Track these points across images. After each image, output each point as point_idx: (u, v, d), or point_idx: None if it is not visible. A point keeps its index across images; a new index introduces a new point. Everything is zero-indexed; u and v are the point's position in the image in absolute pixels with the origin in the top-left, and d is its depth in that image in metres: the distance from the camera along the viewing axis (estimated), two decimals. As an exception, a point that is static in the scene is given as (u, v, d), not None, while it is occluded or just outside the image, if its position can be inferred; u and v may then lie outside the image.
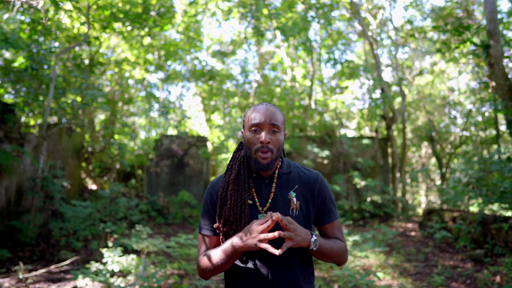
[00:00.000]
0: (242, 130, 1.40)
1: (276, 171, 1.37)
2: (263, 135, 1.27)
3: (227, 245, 1.23)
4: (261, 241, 1.14)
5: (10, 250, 4.91)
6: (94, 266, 3.80)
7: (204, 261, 1.30)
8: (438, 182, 12.56)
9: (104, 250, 3.92)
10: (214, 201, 1.38)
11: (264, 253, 1.23)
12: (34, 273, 3.96)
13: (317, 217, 1.39)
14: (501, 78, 4.69)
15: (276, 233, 1.11)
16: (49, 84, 6.49)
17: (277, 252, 1.11)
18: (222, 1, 9.72)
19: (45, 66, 6.89)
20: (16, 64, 7.50)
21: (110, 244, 4.05)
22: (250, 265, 1.27)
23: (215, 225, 1.32)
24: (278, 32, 10.46)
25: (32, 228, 5.45)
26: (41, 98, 7.17)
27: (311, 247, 1.20)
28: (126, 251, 5.01)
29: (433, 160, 14.14)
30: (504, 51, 5.72)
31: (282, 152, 1.43)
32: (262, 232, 1.14)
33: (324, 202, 1.38)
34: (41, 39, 7.80)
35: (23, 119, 7.67)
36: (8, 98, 8.11)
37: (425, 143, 13.53)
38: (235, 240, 1.20)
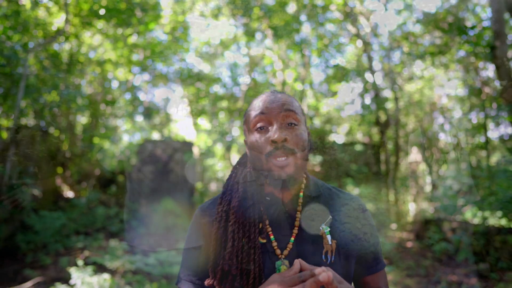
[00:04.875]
0: (245, 137, 0.93)
1: (301, 194, 0.90)
2: (274, 130, 0.84)
3: None
4: None
5: (-33, 268, 4.35)
6: (60, 289, 3.30)
7: None
8: (428, 189, 12.38)
9: (72, 269, 3.42)
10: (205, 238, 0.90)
11: None
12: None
13: (357, 264, 0.92)
14: (508, 80, 4.44)
15: None
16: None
17: None
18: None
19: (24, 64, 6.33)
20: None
21: (80, 261, 3.55)
22: None
23: (206, 282, 0.83)
24: (269, 33, 10.12)
25: (-5, 241, 4.88)
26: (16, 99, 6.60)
27: None
28: (102, 268, 4.49)
29: (423, 167, 14.00)
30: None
31: (307, 162, 0.92)
32: None
33: None
34: (11, 34, 7.23)
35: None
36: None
37: (415, 150, 13.38)
38: None
